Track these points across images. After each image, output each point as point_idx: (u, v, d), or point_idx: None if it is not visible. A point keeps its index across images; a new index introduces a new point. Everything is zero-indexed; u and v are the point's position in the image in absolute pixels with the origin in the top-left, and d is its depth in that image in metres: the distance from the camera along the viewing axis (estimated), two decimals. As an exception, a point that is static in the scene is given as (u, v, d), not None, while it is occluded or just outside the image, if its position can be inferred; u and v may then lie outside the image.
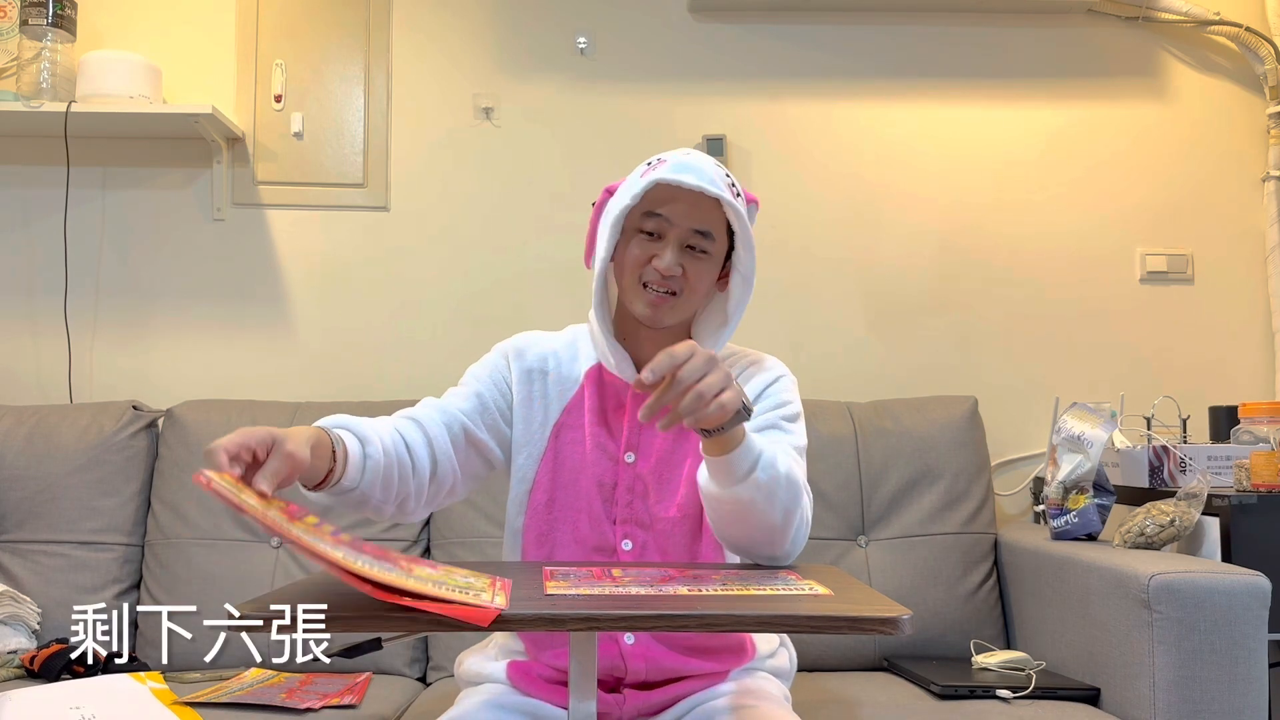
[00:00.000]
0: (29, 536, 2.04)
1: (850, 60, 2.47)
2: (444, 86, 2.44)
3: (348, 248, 2.41)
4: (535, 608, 0.93)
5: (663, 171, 1.31)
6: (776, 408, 1.39)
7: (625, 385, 1.40)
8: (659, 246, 1.34)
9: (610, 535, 1.36)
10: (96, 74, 2.23)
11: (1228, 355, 2.44)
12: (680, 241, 1.34)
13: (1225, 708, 1.52)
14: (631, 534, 1.35)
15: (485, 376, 1.43)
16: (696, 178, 1.30)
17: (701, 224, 1.34)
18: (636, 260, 1.35)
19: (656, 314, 1.35)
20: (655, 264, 1.33)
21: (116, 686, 1.52)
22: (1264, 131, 2.47)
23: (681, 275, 1.34)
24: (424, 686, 1.93)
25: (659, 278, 1.33)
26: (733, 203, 1.31)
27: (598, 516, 1.36)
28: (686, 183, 1.29)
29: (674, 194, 1.32)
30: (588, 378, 1.42)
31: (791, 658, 1.47)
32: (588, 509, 1.36)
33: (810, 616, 0.91)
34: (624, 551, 1.35)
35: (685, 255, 1.34)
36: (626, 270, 1.36)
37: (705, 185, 1.30)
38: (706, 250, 1.35)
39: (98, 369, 2.37)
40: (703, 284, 1.37)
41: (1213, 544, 1.74)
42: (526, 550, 1.38)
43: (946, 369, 2.41)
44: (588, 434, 1.39)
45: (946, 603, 2.02)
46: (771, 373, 1.44)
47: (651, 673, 1.32)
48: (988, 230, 2.45)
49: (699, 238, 1.34)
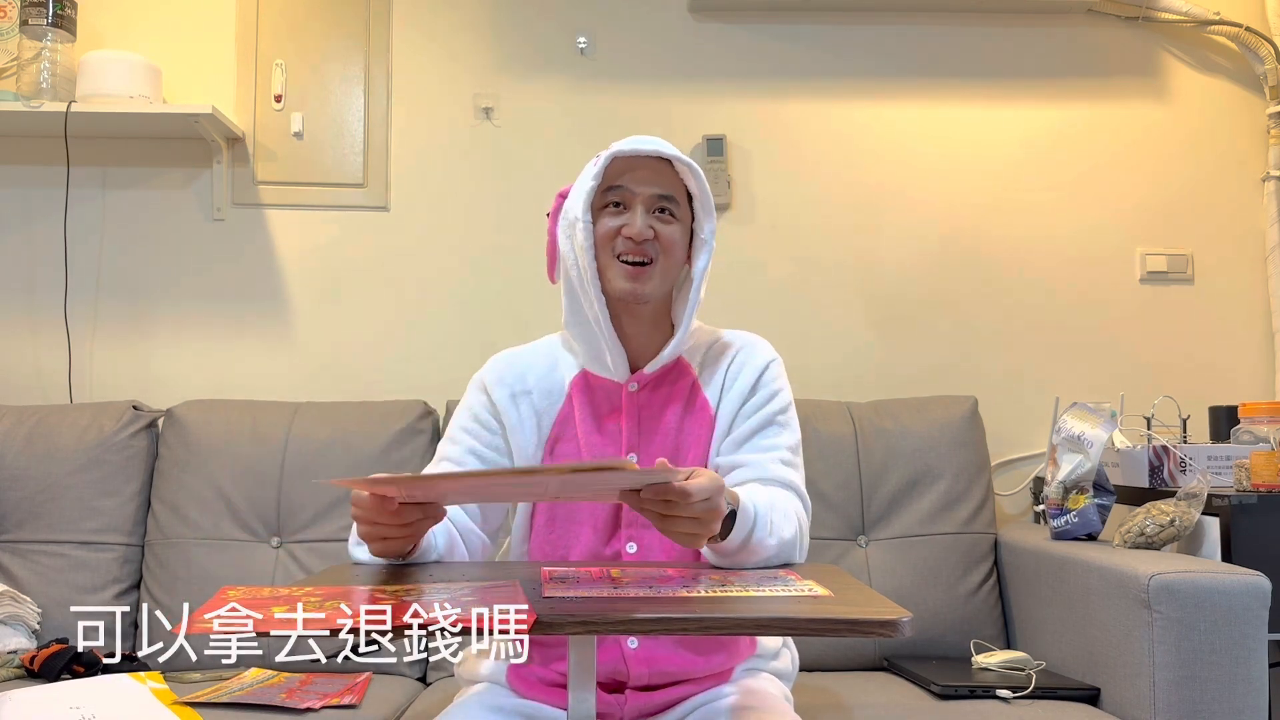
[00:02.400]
0: (29, 536, 2.04)
1: (850, 60, 2.47)
2: (444, 86, 2.44)
3: (348, 248, 2.41)
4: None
5: (616, 146, 1.36)
6: (769, 400, 1.41)
7: (616, 387, 1.40)
8: (627, 215, 1.36)
9: (615, 540, 1.36)
10: (96, 74, 2.23)
11: (1228, 355, 2.44)
12: (647, 206, 1.36)
13: (1225, 708, 1.52)
14: (636, 536, 1.35)
15: (471, 424, 1.43)
16: (650, 145, 1.35)
17: (664, 188, 1.37)
18: (608, 233, 1.36)
19: (636, 285, 1.35)
20: (625, 231, 1.35)
21: (116, 686, 1.53)
22: (1264, 131, 2.46)
23: (654, 238, 1.36)
24: (424, 686, 1.93)
25: (632, 245, 1.35)
26: (689, 162, 1.35)
27: (602, 526, 1.36)
28: (642, 149, 1.34)
29: (631, 164, 1.36)
30: (573, 386, 1.42)
31: (794, 659, 1.47)
32: (591, 520, 1.36)
33: (810, 619, 0.91)
34: (628, 554, 1.35)
35: (654, 219, 1.36)
36: (600, 247, 1.37)
37: (660, 148, 1.35)
38: (674, 214, 1.38)
39: (98, 369, 2.37)
40: (676, 249, 1.38)
41: (1213, 544, 1.73)
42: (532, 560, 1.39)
43: (946, 369, 2.41)
44: (583, 444, 1.38)
45: (946, 603, 2.02)
46: (761, 358, 1.45)
47: (654, 676, 1.32)
48: (988, 230, 2.45)
49: (664, 201, 1.37)
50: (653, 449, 1.38)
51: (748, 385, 1.41)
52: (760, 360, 1.44)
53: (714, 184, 2.38)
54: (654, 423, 1.39)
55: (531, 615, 0.87)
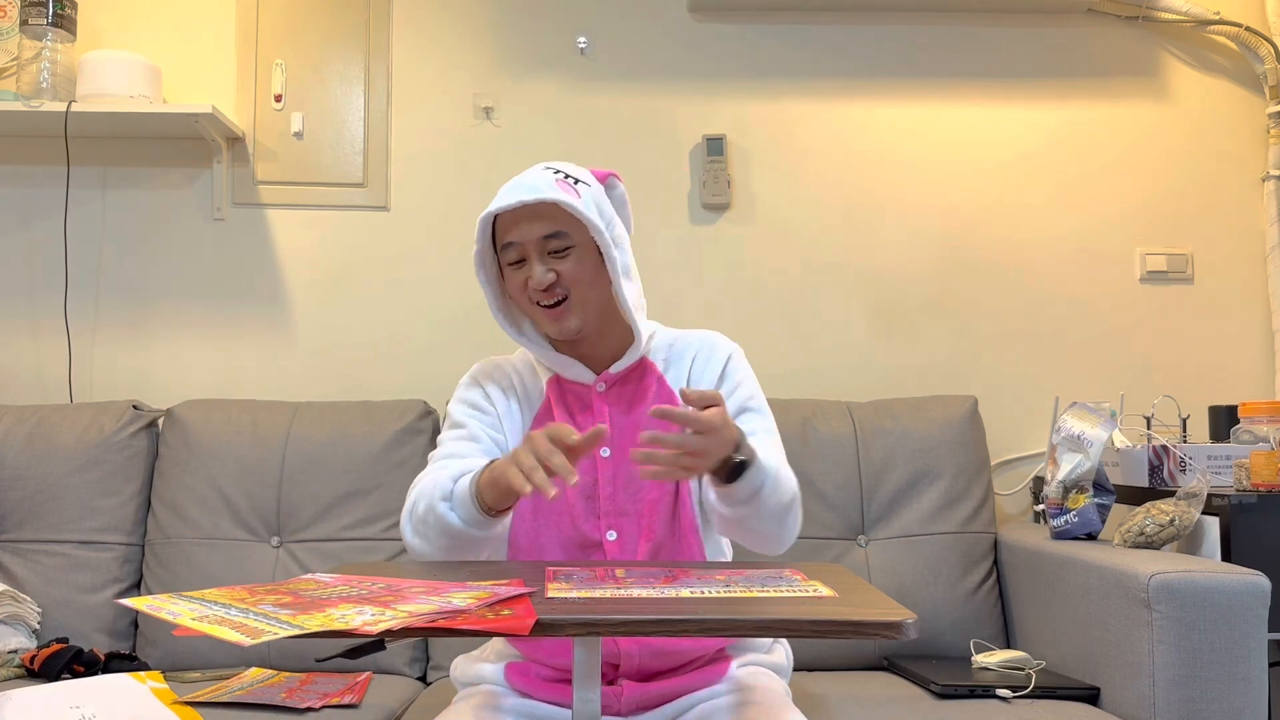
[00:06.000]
0: (29, 536, 2.04)
1: (850, 60, 2.47)
2: (444, 86, 2.44)
3: (348, 248, 2.41)
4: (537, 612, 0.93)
5: (490, 206, 1.38)
6: (737, 387, 1.47)
7: (586, 387, 1.46)
8: (526, 269, 1.39)
9: (594, 530, 1.38)
10: (96, 74, 2.23)
11: (1228, 355, 2.44)
12: (539, 252, 1.38)
13: (1225, 708, 1.52)
14: (615, 524, 1.39)
15: (475, 413, 1.47)
16: (519, 193, 1.36)
17: (548, 226, 1.38)
18: (517, 288, 1.41)
19: (562, 324, 1.40)
20: (531, 284, 1.38)
21: (116, 686, 1.52)
22: (1264, 131, 2.47)
23: (558, 279, 1.38)
24: (424, 686, 1.93)
25: (541, 293, 1.39)
26: (557, 195, 1.35)
27: (581, 516, 1.39)
28: (509, 203, 1.36)
29: (512, 218, 1.38)
30: (549, 387, 1.47)
31: (788, 654, 1.49)
32: (570, 510, 1.39)
33: (812, 620, 0.90)
34: (609, 542, 1.38)
35: (551, 261, 1.38)
36: (517, 302, 1.43)
37: (525, 196, 1.35)
38: (567, 247, 1.39)
39: (98, 369, 2.37)
40: (583, 274, 1.40)
41: (1212, 543, 1.74)
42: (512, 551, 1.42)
43: (946, 369, 2.41)
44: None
45: (946, 602, 2.02)
46: (723, 351, 1.50)
47: (645, 656, 1.33)
48: (988, 230, 2.45)
49: (552, 240, 1.38)
50: (625, 437, 1.42)
51: (715, 376, 1.47)
52: (722, 353, 1.50)
53: (714, 184, 2.39)
54: (626, 418, 1.43)
55: (532, 616, 0.87)
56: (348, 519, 2.06)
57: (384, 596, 0.96)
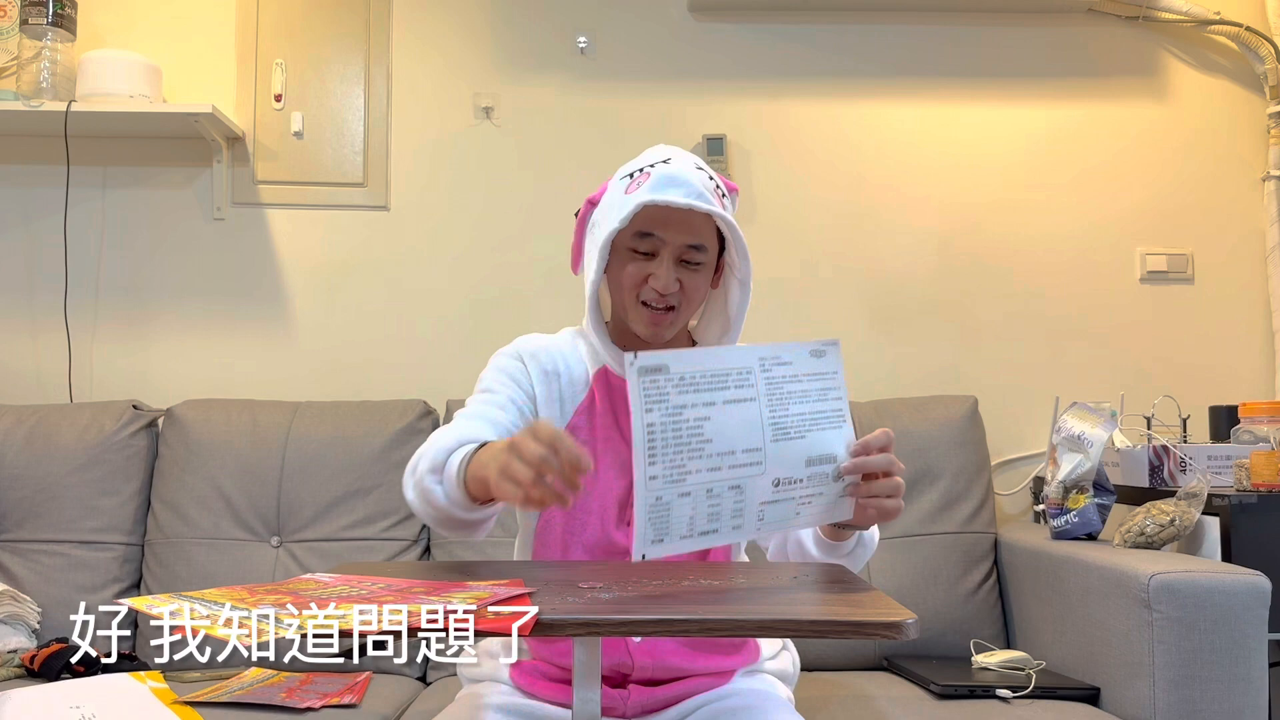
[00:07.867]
0: (29, 536, 2.04)
1: (850, 60, 2.47)
2: (444, 86, 2.44)
3: (348, 247, 2.41)
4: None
5: (649, 190, 1.28)
6: None
7: None
8: (654, 265, 1.32)
9: (624, 537, 1.35)
10: (96, 73, 2.23)
11: (1228, 355, 2.44)
12: (674, 257, 1.32)
13: (1225, 708, 1.52)
14: None
15: (509, 382, 1.40)
16: (685, 194, 1.27)
17: (694, 238, 1.32)
18: (633, 280, 1.33)
19: (657, 331, 1.35)
20: (652, 284, 1.32)
21: (116, 686, 1.53)
22: (1264, 131, 2.46)
23: (679, 290, 1.33)
24: (424, 686, 1.93)
25: (657, 296, 1.32)
26: (724, 215, 1.30)
27: (609, 520, 1.36)
28: (676, 202, 1.27)
29: (664, 212, 1.29)
30: (596, 380, 1.42)
31: (794, 661, 1.47)
32: (599, 512, 1.36)
33: (813, 620, 0.90)
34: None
35: (680, 269, 1.33)
36: (624, 290, 1.35)
37: (695, 202, 1.27)
38: (700, 262, 1.34)
39: (98, 368, 2.37)
40: (699, 294, 1.36)
41: (1213, 544, 1.74)
42: (537, 552, 1.39)
43: (946, 369, 2.41)
44: (599, 437, 1.38)
45: (946, 602, 2.02)
46: None
47: (658, 670, 1.32)
48: (988, 230, 2.45)
49: (692, 251, 1.32)
50: None
51: None
52: None
53: (714, 184, 2.39)
54: None
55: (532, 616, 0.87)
56: (348, 519, 2.06)
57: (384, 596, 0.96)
